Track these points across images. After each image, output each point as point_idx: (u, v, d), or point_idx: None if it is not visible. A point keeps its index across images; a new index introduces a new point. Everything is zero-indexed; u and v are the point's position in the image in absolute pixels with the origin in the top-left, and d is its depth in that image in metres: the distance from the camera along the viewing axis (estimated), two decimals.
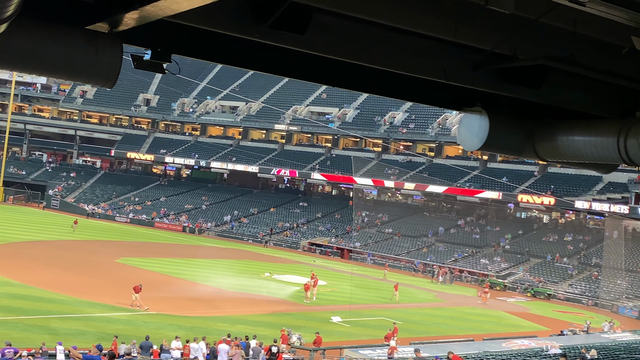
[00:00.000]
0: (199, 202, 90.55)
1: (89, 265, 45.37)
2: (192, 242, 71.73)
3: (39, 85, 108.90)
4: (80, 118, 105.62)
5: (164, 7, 7.16)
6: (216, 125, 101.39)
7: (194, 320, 32.54)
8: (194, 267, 51.98)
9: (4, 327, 26.46)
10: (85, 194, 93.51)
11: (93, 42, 7.73)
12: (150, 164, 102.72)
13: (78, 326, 28.54)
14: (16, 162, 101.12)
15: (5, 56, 6.99)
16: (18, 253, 47.85)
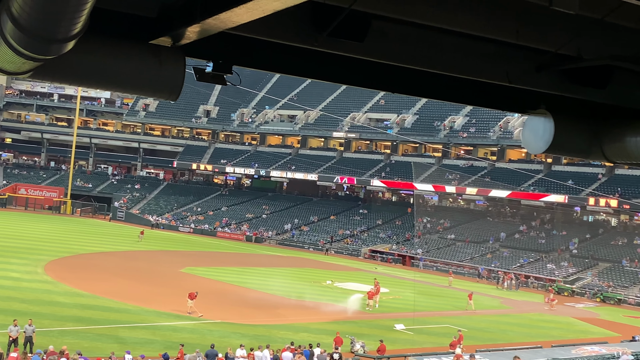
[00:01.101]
0: (260, 211, 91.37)
1: (154, 275, 46.27)
2: (254, 250, 72.40)
3: (103, 99, 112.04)
4: (143, 131, 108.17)
5: (225, 19, 7.22)
6: (275, 135, 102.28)
7: (258, 328, 32.76)
8: (256, 275, 52.39)
9: (74, 337, 27.17)
10: (150, 205, 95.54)
11: (157, 56, 7.84)
12: (212, 174, 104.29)
13: (145, 335, 29.09)
14: (83, 175, 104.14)
15: (72, 72, 7.15)
16: (86, 264, 49.17)
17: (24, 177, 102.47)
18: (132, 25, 7.82)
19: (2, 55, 5.92)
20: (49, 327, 27.98)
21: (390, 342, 30.18)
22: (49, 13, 4.97)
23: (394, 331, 34.93)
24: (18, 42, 5.43)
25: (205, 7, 7.07)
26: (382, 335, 31.09)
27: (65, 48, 5.71)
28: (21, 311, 29.89)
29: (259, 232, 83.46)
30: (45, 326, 27.73)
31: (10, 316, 27.44)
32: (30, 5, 4.88)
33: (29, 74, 6.86)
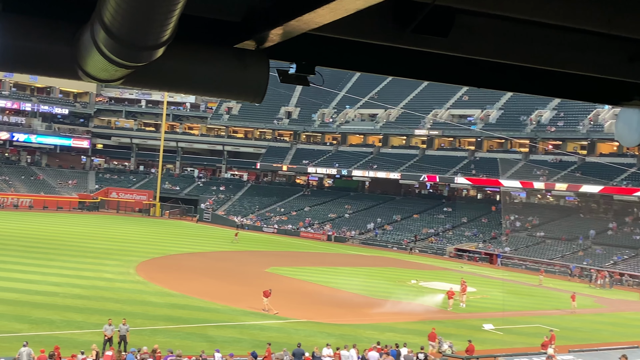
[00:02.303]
0: (342, 211, 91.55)
1: (241, 275, 47.07)
2: (337, 250, 72.60)
3: (188, 104, 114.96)
4: (227, 134, 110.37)
5: (307, 20, 7.23)
6: (356, 134, 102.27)
7: (343, 327, 32.81)
8: (340, 275, 52.50)
9: (165, 336, 27.95)
10: (234, 207, 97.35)
11: (242, 59, 7.93)
12: (294, 175, 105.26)
13: (233, 334, 29.61)
14: (170, 179, 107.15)
15: (161, 78, 7.32)
16: (175, 264, 50.55)
17: (115, 181, 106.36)
18: (217, 30, 7.95)
19: (95, 64, 6.11)
20: (142, 326, 28.88)
21: (478, 342, 29.63)
22: (139, 21, 5.10)
23: (482, 331, 34.28)
24: (110, 50, 5.59)
25: (288, 9, 7.10)
26: (470, 335, 30.55)
27: (155, 55, 5.84)
28: (115, 311, 31.00)
29: (341, 232, 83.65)
30: (138, 325, 28.64)
31: (105, 316, 28.53)
32: (122, 14, 5.01)
33: (120, 82, 7.06)
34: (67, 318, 29.94)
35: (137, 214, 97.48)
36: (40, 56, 6.51)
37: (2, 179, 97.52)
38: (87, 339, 25.56)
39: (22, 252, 49.33)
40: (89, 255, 50.40)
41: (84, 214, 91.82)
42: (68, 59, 6.52)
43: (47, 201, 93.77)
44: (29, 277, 39.17)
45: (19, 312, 30.16)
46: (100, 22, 5.32)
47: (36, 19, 6.50)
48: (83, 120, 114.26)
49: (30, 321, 28.71)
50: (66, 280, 39.23)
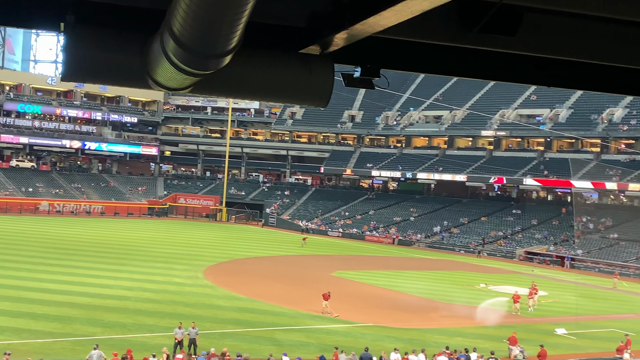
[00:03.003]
0: (408, 214, 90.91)
1: (306, 279, 47.26)
2: (403, 254, 72.09)
3: (253, 110, 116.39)
4: (291, 138, 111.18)
5: (372, 23, 7.20)
6: (420, 136, 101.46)
7: (411, 332, 32.51)
8: (407, 278, 52.10)
9: (234, 339, 28.28)
10: (299, 211, 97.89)
11: (307, 64, 7.95)
12: (358, 179, 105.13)
13: (300, 338, 29.72)
14: (236, 184, 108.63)
15: (228, 85, 7.40)
16: (242, 269, 51.15)
17: (183, 187, 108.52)
18: (282, 36, 8.00)
19: (165, 73, 6.23)
20: (211, 330, 29.29)
21: (551, 347, 28.90)
22: (207, 30, 5.16)
23: (554, 336, 33.42)
24: (179, 59, 5.68)
25: (353, 13, 7.08)
26: (541, 340, 29.83)
27: (222, 62, 5.91)
28: (185, 314, 31.57)
29: (407, 235, 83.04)
30: (207, 329, 29.05)
31: (175, 319, 29.07)
32: (190, 23, 5.08)
33: (189, 89, 7.17)
34: (139, 321, 30.64)
35: (204, 219, 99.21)
36: (111, 66, 6.67)
37: (75, 186, 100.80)
38: (158, 342, 26.07)
39: (94, 257, 50.81)
40: (159, 260, 51.52)
41: (153, 220, 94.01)
42: (138, 68, 6.66)
43: (118, 207, 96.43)
44: (102, 281, 40.30)
45: (92, 315, 31.03)
46: (170, 32, 5.41)
47: (107, 29, 6.66)
48: (151, 128, 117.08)
49: (103, 325, 29.50)
50: (137, 284, 40.18)
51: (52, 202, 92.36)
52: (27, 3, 7.13)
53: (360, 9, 6.89)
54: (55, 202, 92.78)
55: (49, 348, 25.12)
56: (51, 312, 31.06)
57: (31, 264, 45.08)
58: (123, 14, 7.05)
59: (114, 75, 6.88)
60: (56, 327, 28.45)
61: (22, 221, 77.48)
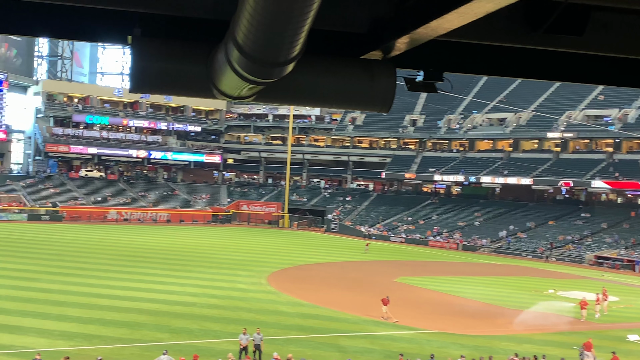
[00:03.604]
0: (472, 219, 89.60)
1: (370, 285, 47.04)
2: (468, 259, 71.06)
3: (314, 117, 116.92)
4: (352, 144, 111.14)
5: (435, 27, 7.12)
6: (484, 139, 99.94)
7: (477, 339, 31.96)
8: (472, 284, 51.30)
9: (297, 345, 28.35)
10: (361, 217, 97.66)
11: (368, 70, 7.93)
12: (420, 184, 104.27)
13: (365, 344, 29.58)
14: (298, 190, 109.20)
15: (290, 93, 7.44)
16: (305, 275, 51.33)
17: (245, 194, 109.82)
18: (343, 42, 7.99)
19: (229, 82, 6.30)
20: (275, 336, 29.46)
21: (623, 354, 27.94)
22: (271, 39, 5.20)
23: (626, 342, 32.35)
24: (243, 68, 5.74)
25: (416, 17, 7.02)
26: (613, 347, 28.85)
27: (285, 70, 5.94)
28: (249, 320, 31.88)
29: (472, 240, 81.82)
30: (271, 335, 29.22)
31: (240, 325, 29.37)
32: (254, 33, 5.13)
33: (252, 98, 7.24)
34: (205, 327, 31.07)
35: (266, 225, 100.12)
36: (177, 77, 6.79)
37: (141, 195, 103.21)
38: (224, 348, 26.38)
39: (161, 264, 51.86)
40: (223, 267, 52.21)
41: (217, 227, 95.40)
42: (203, 78, 6.77)
43: (183, 215, 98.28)
44: (168, 287, 41.06)
45: (159, 321, 31.64)
46: (234, 42, 5.48)
47: (173, 41, 6.80)
48: (214, 136, 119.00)
49: (170, 330, 30.03)
50: (203, 290, 40.79)
51: (120, 211, 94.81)
52: (96, 18, 7.33)
53: (422, 13, 6.82)
54: (123, 211, 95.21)
55: (118, 354, 25.71)
56: (120, 318, 31.81)
57: (100, 271, 46.32)
58: (188, 25, 7.18)
59: (180, 86, 7.02)
60: (125, 332, 29.10)
61: (92, 229, 79.77)
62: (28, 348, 25.19)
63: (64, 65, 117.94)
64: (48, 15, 7.24)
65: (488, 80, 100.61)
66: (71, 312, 32.31)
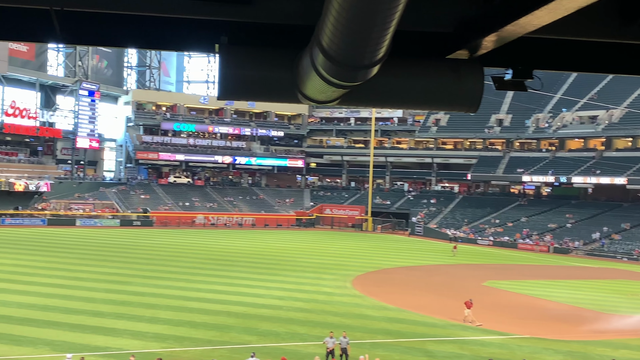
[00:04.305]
0: (563, 221, 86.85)
1: (457, 289, 46.26)
2: (560, 262, 68.92)
3: (396, 119, 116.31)
4: (435, 146, 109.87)
5: (524, 24, 6.92)
6: (575, 138, 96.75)
7: (571, 344, 30.89)
8: (564, 288, 49.70)
9: (385, 349, 28.15)
10: (446, 219, 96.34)
11: (455, 70, 7.78)
12: (508, 185, 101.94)
13: (453, 349, 29.09)
14: (381, 193, 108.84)
15: (375, 95, 7.36)
16: (390, 278, 51.01)
17: (328, 198, 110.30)
18: (429, 42, 7.86)
19: (314, 86, 6.29)
20: (361, 340, 29.36)
21: None
22: (356, 42, 5.15)
23: None
24: (329, 72, 5.72)
25: (503, 14, 6.84)
26: None
27: (371, 73, 5.88)
28: (335, 324, 31.91)
29: (563, 243, 79.29)
30: (357, 338, 29.15)
31: (326, 328, 29.46)
32: (339, 36, 5.09)
33: (336, 102, 7.21)
34: (291, 330, 31.31)
35: (350, 229, 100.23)
36: (263, 83, 6.85)
37: (227, 200, 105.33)
38: (311, 351, 26.51)
39: (247, 267, 52.70)
40: (308, 270, 52.55)
41: (301, 230, 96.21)
42: (288, 83, 6.79)
43: (268, 219, 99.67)
44: (255, 291, 41.66)
45: (247, 324, 32.11)
46: (319, 46, 5.46)
47: (258, 48, 6.85)
48: (297, 141, 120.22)
49: (258, 333, 30.42)
50: (288, 294, 41.16)
51: (207, 216, 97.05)
52: (184, 28, 7.48)
53: (510, 10, 6.64)
54: (210, 215, 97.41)
55: (208, 356, 26.22)
56: (209, 320, 32.48)
57: (190, 274, 47.49)
58: (273, 32, 7.22)
59: (266, 92, 7.07)
60: (214, 335, 29.69)
61: (181, 234, 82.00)
62: (122, 349, 26.07)
63: (152, 75, 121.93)
64: (138, 27, 7.44)
65: (578, 77, 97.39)
66: (163, 315, 33.24)
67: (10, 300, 35.37)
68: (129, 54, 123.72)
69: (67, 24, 7.08)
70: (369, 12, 4.72)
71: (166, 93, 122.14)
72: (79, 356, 22.69)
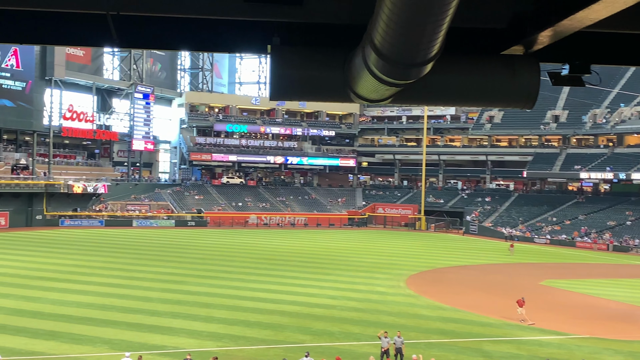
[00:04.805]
0: (623, 218, 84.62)
1: (513, 288, 45.49)
2: (619, 260, 67.17)
3: (449, 116, 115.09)
4: (489, 143, 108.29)
5: (581, 18, 6.77)
6: (634, 134, 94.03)
7: (633, 344, 30.06)
8: (624, 287, 48.43)
9: (440, 349, 27.89)
10: (502, 217, 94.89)
11: (509, 66, 7.66)
12: (565, 182, 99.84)
13: (510, 349, 28.62)
14: (434, 192, 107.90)
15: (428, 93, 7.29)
16: (444, 278, 50.52)
17: (381, 197, 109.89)
18: (483, 38, 7.76)
19: (367, 85, 6.26)
20: (415, 340, 29.15)
21: None
22: (409, 40, 5.10)
23: None
24: (381, 70, 5.68)
25: (559, 9, 6.71)
26: None
27: (424, 71, 5.82)
28: (389, 323, 31.76)
29: (623, 241, 77.24)
30: (412, 338, 28.95)
31: (379, 328, 29.34)
32: (392, 34, 5.04)
33: (389, 100, 7.15)
34: (345, 330, 31.29)
35: (403, 228, 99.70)
36: (315, 83, 6.85)
37: (279, 199, 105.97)
38: (365, 351, 26.45)
39: (300, 267, 52.90)
40: (361, 269, 52.43)
41: (353, 230, 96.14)
42: (340, 83, 6.78)
43: (320, 219, 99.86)
44: (308, 290, 41.78)
45: (301, 323, 32.22)
46: (371, 45, 5.43)
47: (310, 48, 6.86)
48: (348, 140, 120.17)
49: (312, 333, 30.50)
50: (341, 293, 41.15)
51: (259, 216, 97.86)
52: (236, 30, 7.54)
53: (566, 5, 6.52)
54: (263, 215, 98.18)
55: (263, 355, 26.43)
56: (264, 320, 32.72)
57: (243, 274, 47.95)
58: (323, 32, 7.22)
59: (318, 92, 7.07)
60: (269, 334, 29.89)
61: (234, 234, 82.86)
62: (179, 348, 26.48)
63: (205, 77, 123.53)
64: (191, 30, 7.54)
65: (636, 71, 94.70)
66: (218, 314, 33.62)
67: (70, 299, 36.30)
68: (182, 57, 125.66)
69: (122, 29, 7.22)
70: (422, 10, 4.67)
71: (218, 95, 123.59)
72: (137, 355, 23.13)
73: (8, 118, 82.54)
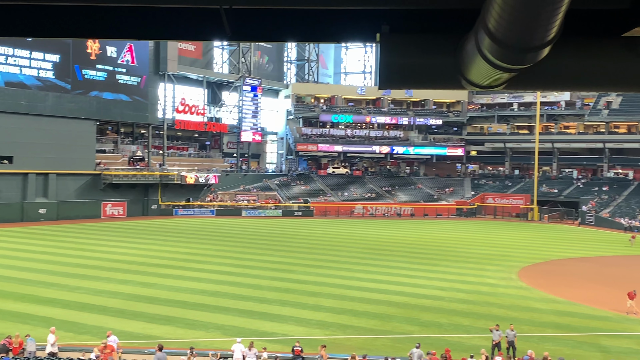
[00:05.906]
0: None
1: (635, 282, 43.30)
2: None
3: (563, 102, 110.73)
4: (607, 130, 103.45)
5: None
6: None
7: None
8: None
9: (554, 344, 26.98)
10: (620, 208, 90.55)
11: (632, 48, 7.21)
12: None
13: (630, 345, 27.31)
14: (547, 181, 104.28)
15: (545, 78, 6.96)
16: (559, 270, 48.79)
17: (490, 187, 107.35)
18: (603, 20, 7.36)
19: (479, 71, 6.06)
20: (528, 333, 28.34)
21: None
22: (525, 23, 4.88)
23: None
24: (496, 55, 5.47)
25: None
26: None
27: (540, 55, 5.56)
28: (500, 316, 31.04)
29: None
30: (525, 332, 28.16)
31: (490, 321, 28.74)
32: (507, 18, 4.85)
33: (503, 86, 6.91)
34: (454, 322, 30.83)
35: (514, 218, 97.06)
36: (425, 70, 6.70)
37: (385, 190, 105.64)
38: (475, 343, 25.98)
39: (407, 257, 52.54)
40: (470, 261, 51.46)
41: (461, 220, 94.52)
42: (451, 70, 6.60)
43: (427, 209, 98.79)
44: (416, 281, 41.44)
45: (409, 314, 32.02)
46: (485, 29, 5.24)
47: (420, 35, 6.71)
48: (456, 128, 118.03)
49: (419, 324, 30.25)
50: (450, 284, 40.55)
51: (365, 206, 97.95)
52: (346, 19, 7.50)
53: None
54: (368, 206, 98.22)
55: (371, 344, 26.47)
56: (371, 309, 32.74)
57: (350, 264, 48.15)
58: (434, 18, 7.06)
59: (427, 79, 6.92)
60: (376, 324, 29.89)
61: (340, 224, 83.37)
62: (288, 335, 26.95)
63: (311, 68, 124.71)
64: (301, 21, 7.56)
65: None
66: (325, 303, 33.95)
67: (184, 286, 37.71)
68: (289, 49, 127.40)
69: (235, 22, 7.33)
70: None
71: (324, 85, 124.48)
72: (249, 340, 23.71)
73: (125, 112, 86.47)
